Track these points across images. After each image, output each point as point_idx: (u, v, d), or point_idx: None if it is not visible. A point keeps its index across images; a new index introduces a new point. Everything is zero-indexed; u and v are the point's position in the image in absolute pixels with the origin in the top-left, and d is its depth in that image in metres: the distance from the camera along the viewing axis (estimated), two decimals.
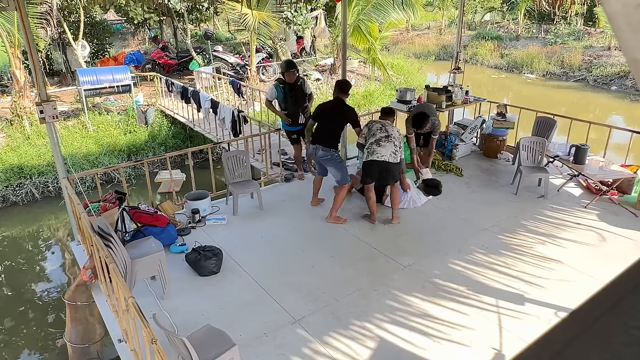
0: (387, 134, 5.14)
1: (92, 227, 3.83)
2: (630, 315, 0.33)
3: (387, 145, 5.11)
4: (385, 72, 14.98)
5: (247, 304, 4.03)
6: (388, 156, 5.10)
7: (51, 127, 4.70)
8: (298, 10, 15.10)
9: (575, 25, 23.22)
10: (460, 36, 8.23)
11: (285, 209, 5.77)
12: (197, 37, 19.86)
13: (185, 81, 13.38)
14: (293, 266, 4.57)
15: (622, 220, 5.34)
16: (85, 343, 5.07)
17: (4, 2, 4.19)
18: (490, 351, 3.50)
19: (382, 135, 5.14)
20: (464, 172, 6.68)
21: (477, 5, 27.94)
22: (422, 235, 5.15)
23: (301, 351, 3.50)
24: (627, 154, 6.23)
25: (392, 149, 5.12)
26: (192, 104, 10.05)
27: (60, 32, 14.10)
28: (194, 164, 6.49)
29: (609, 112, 15.02)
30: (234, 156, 5.82)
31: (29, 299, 6.75)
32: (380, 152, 5.10)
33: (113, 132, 10.92)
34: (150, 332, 2.61)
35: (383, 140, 5.12)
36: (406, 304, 4.00)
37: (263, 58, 15.10)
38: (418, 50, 24.08)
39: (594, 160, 5.89)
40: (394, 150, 5.13)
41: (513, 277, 4.36)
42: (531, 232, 5.17)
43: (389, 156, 5.11)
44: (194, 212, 5.37)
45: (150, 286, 4.22)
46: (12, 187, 9.22)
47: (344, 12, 7.32)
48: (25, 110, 10.61)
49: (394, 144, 5.15)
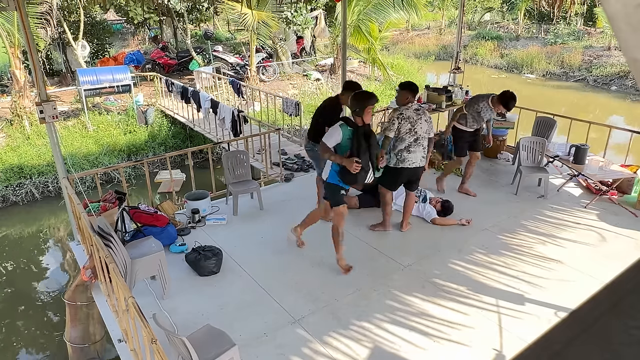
0: (415, 137, 4.69)
1: (92, 227, 3.83)
2: (630, 315, 0.33)
3: (417, 149, 4.73)
4: (385, 72, 14.98)
5: (247, 304, 4.03)
6: (418, 162, 4.78)
7: (51, 127, 4.69)
8: (298, 11, 15.11)
9: (575, 25, 23.23)
10: (460, 36, 8.23)
11: (285, 209, 5.77)
12: (197, 37, 19.86)
13: (185, 81, 13.39)
14: (293, 266, 4.57)
15: (622, 220, 5.34)
16: (85, 343, 5.07)
17: (4, 2, 4.19)
18: (490, 351, 3.49)
19: (411, 140, 4.69)
20: None
21: (477, 5, 27.95)
22: (422, 235, 5.15)
23: (301, 351, 3.50)
24: (627, 154, 6.23)
25: (422, 154, 4.78)
26: (192, 104, 10.05)
27: (60, 32, 14.11)
28: (194, 164, 6.49)
29: (609, 112, 15.03)
30: (234, 156, 5.82)
31: (29, 298, 6.74)
32: (411, 159, 4.74)
33: (113, 132, 10.92)
34: (150, 332, 2.61)
35: (413, 146, 4.71)
36: (406, 304, 4.00)
37: (263, 58, 15.11)
38: (418, 50, 24.10)
39: (594, 160, 5.89)
40: (424, 154, 4.80)
41: (513, 277, 4.36)
42: (531, 232, 5.17)
43: (420, 161, 4.79)
44: (194, 212, 5.37)
45: (150, 286, 4.22)
46: (12, 187, 9.22)
47: (344, 12, 7.32)
48: (25, 110, 10.61)
49: (423, 145, 4.75)
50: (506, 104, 5.45)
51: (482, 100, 5.71)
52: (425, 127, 4.72)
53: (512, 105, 5.46)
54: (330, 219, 4.55)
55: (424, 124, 4.71)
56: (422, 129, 4.71)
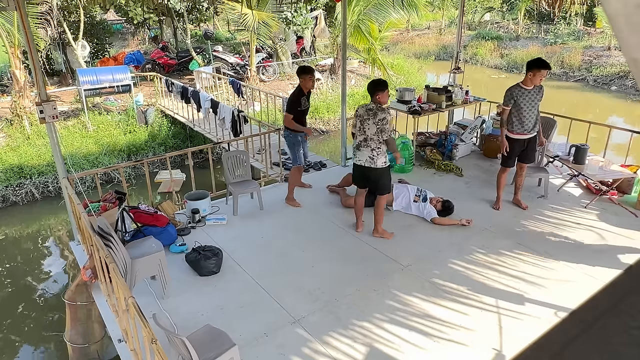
0: (364, 137, 4.68)
1: (92, 227, 3.83)
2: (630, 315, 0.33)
3: (364, 150, 4.71)
4: (385, 72, 14.98)
5: (247, 304, 4.03)
6: (364, 161, 4.73)
7: (51, 127, 4.69)
8: (298, 11, 15.11)
9: (575, 25, 23.22)
10: (460, 36, 8.23)
11: (285, 209, 5.77)
12: (197, 37, 19.86)
13: (185, 81, 13.39)
14: (293, 266, 4.57)
15: (622, 220, 5.34)
16: (85, 343, 5.07)
17: (4, 2, 4.19)
18: (490, 351, 3.49)
19: (361, 139, 4.72)
20: (464, 172, 6.69)
21: (477, 5, 27.96)
22: (422, 235, 5.15)
23: (301, 351, 3.50)
24: (627, 154, 6.23)
25: (369, 154, 4.69)
26: (192, 104, 10.05)
27: (60, 32, 14.11)
28: (194, 164, 6.49)
29: (609, 112, 15.02)
30: (234, 156, 5.82)
31: (29, 298, 6.74)
32: (358, 156, 4.78)
33: (113, 132, 10.92)
34: (150, 332, 2.61)
35: (362, 145, 4.72)
36: (406, 304, 4.00)
37: (263, 58, 15.11)
38: (418, 50, 24.09)
39: (594, 160, 5.89)
40: (370, 155, 4.69)
41: (513, 277, 4.36)
42: (531, 232, 5.16)
43: (365, 161, 4.72)
44: (194, 212, 5.37)
45: (150, 286, 4.22)
46: (12, 187, 9.22)
47: (344, 12, 7.32)
48: (25, 110, 10.62)
49: (371, 147, 4.66)
50: (539, 63, 4.93)
51: (514, 89, 5.16)
52: (373, 129, 4.60)
53: (544, 63, 4.97)
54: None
55: (372, 126, 4.62)
56: (370, 130, 4.63)
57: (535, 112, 5.22)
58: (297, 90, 5.56)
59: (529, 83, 5.08)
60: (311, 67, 5.92)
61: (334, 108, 13.12)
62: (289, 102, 5.59)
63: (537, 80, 5.03)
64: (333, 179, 6.37)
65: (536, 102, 5.15)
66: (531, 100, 5.11)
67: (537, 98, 5.15)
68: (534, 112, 5.18)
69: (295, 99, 5.52)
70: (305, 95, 5.59)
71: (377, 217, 4.98)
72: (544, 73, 4.99)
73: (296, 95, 5.54)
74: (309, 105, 5.71)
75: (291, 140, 5.72)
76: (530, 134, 5.28)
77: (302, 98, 5.52)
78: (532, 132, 5.27)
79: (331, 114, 13.17)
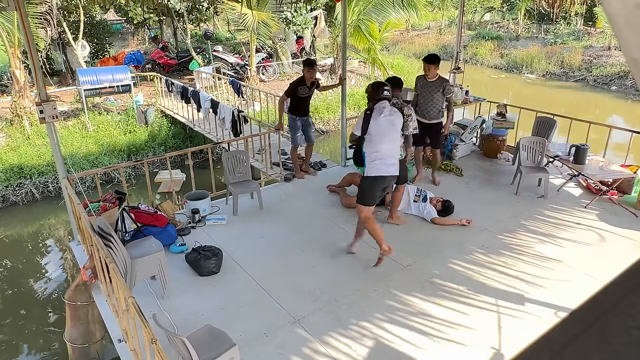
0: None
1: (92, 227, 3.83)
2: (630, 315, 0.33)
3: None
4: (385, 72, 14.97)
5: (247, 304, 4.03)
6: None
7: (51, 127, 4.69)
8: (298, 11, 15.11)
9: (575, 25, 23.21)
10: (460, 36, 8.23)
11: (285, 209, 5.77)
12: (197, 37, 19.85)
13: (185, 81, 13.38)
14: (293, 266, 4.57)
15: (622, 220, 5.34)
16: (85, 343, 5.07)
17: (4, 2, 4.19)
18: (489, 351, 3.50)
19: None
20: (464, 172, 6.68)
21: (477, 5, 27.95)
22: (422, 235, 5.15)
23: (301, 351, 3.50)
24: (627, 154, 6.23)
25: None
26: (192, 104, 10.05)
27: (60, 32, 14.11)
28: (194, 164, 6.49)
29: (609, 112, 15.02)
30: (234, 156, 5.82)
31: (29, 298, 6.75)
32: None
33: (113, 132, 10.92)
34: (150, 332, 2.61)
35: None
36: (406, 304, 4.00)
37: (263, 58, 15.11)
38: (418, 50, 24.07)
39: (594, 160, 5.89)
40: None
41: (513, 277, 4.36)
42: (531, 232, 5.17)
43: None
44: (194, 212, 5.37)
45: (150, 286, 4.22)
46: (12, 187, 9.22)
47: (344, 12, 7.32)
48: (25, 110, 10.61)
49: None
50: (425, 58, 5.84)
51: (418, 78, 6.10)
52: None
53: (428, 57, 5.86)
54: None
55: None
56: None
57: (436, 102, 5.90)
58: (298, 79, 6.11)
59: (428, 75, 5.89)
60: (313, 60, 6.48)
61: (334, 108, 13.12)
62: (288, 86, 6.16)
63: (428, 72, 5.83)
64: (333, 179, 6.37)
65: (434, 92, 5.85)
66: (430, 90, 5.89)
67: (436, 89, 5.85)
68: (433, 101, 5.90)
69: (293, 86, 6.05)
70: (307, 85, 6.06)
71: (396, 202, 5.23)
72: (427, 67, 5.80)
73: (295, 83, 6.08)
74: (309, 94, 6.17)
75: (290, 123, 6.37)
76: (431, 121, 5.98)
77: (300, 87, 6.00)
78: (433, 119, 5.98)
79: (331, 114, 13.18)
